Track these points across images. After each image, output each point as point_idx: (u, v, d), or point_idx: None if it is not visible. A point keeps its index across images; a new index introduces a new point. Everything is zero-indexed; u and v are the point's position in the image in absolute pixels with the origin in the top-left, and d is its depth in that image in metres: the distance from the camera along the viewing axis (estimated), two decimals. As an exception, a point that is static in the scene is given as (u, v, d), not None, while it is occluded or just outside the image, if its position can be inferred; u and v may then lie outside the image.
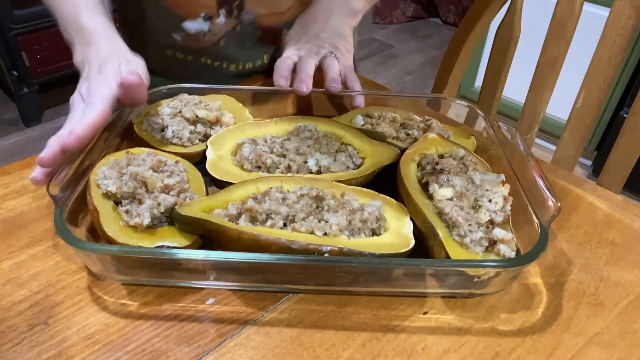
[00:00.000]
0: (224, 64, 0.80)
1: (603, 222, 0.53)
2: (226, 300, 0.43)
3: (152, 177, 0.46)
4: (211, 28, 0.75)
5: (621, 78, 1.72)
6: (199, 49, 0.78)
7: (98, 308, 0.42)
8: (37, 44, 1.92)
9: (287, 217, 0.43)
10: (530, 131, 0.89)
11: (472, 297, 0.44)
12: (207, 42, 0.76)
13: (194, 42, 0.77)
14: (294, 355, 0.39)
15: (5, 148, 1.96)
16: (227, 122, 0.60)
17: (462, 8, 2.94)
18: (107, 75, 0.51)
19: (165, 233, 0.44)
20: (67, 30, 0.61)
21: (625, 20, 0.73)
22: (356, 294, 0.44)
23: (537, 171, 0.48)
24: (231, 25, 0.75)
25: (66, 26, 0.61)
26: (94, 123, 0.46)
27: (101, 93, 0.49)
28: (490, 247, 0.43)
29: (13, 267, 0.45)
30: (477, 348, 0.40)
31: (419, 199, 0.47)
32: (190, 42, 0.77)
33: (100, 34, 0.58)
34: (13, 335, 0.40)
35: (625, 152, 0.78)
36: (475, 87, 2.16)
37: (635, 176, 0.88)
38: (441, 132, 0.58)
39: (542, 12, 1.07)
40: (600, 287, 0.46)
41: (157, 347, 0.39)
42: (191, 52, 0.78)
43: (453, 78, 0.93)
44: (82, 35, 0.59)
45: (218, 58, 0.79)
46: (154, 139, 0.56)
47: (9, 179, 0.55)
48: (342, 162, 0.53)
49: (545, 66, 0.83)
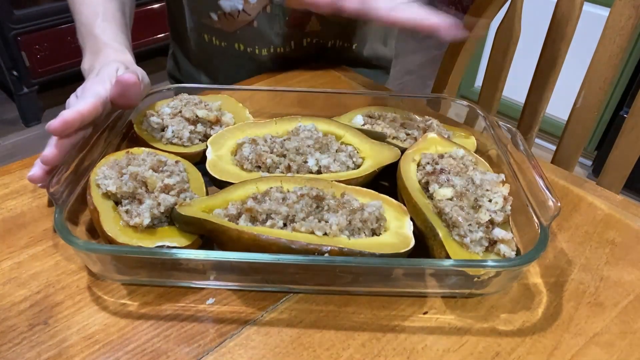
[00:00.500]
0: (257, 49, 0.82)
1: (603, 222, 0.53)
2: (226, 300, 0.43)
3: (152, 177, 0.46)
4: (245, 7, 0.77)
5: (621, 78, 1.72)
6: (233, 33, 0.81)
7: (98, 308, 0.42)
8: (37, 44, 1.93)
9: (287, 217, 0.43)
10: (530, 131, 0.89)
11: (472, 297, 0.44)
12: (241, 22, 0.79)
13: (229, 23, 0.80)
14: (294, 355, 0.39)
15: (5, 148, 1.96)
16: (227, 122, 0.60)
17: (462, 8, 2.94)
18: (103, 77, 0.53)
19: (165, 233, 0.44)
20: (81, 35, 0.63)
21: (625, 20, 0.73)
22: (356, 294, 0.44)
23: (537, 171, 0.48)
24: (262, 4, 0.78)
25: (82, 32, 0.63)
26: (82, 110, 0.47)
27: (94, 90, 0.50)
28: (490, 247, 0.43)
29: (13, 267, 0.45)
30: (477, 348, 0.40)
31: (419, 199, 0.47)
32: (226, 22, 0.80)
33: (110, 45, 0.60)
34: (13, 335, 0.40)
35: (625, 152, 0.78)
36: (475, 87, 2.16)
37: (635, 176, 0.88)
38: (441, 132, 0.58)
39: (542, 12, 1.07)
40: (600, 287, 0.46)
41: (157, 347, 0.39)
42: (226, 38, 0.82)
43: (453, 78, 0.93)
44: (93, 44, 0.60)
45: (251, 42, 0.82)
46: (154, 139, 0.56)
47: (9, 179, 0.55)
48: (342, 162, 0.53)
49: (545, 66, 0.83)
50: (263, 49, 0.83)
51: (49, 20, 1.92)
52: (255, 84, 0.79)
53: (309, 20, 0.81)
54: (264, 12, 0.79)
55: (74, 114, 0.46)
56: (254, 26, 0.80)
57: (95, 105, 0.48)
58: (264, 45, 0.83)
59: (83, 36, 0.62)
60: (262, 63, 0.85)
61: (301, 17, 0.80)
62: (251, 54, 0.84)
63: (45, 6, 1.91)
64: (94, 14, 0.62)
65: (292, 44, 0.83)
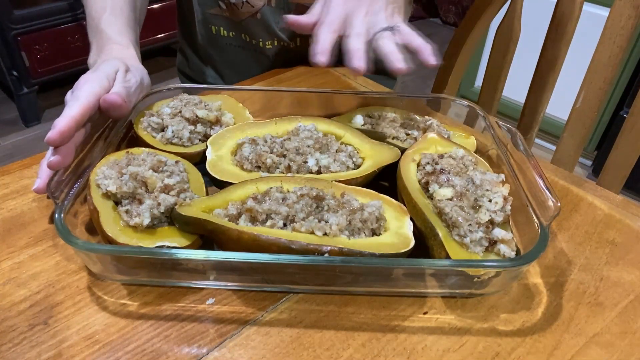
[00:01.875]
0: (261, 42, 0.84)
1: (603, 222, 0.53)
2: (226, 300, 0.43)
3: (152, 177, 0.46)
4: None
5: (621, 78, 1.72)
6: (239, 23, 0.82)
7: (98, 308, 0.42)
8: (37, 44, 1.93)
9: (287, 217, 0.43)
10: (530, 131, 0.89)
11: (472, 297, 0.44)
12: (245, 13, 0.80)
13: (234, 13, 0.81)
14: (294, 355, 0.39)
15: (5, 148, 1.96)
16: (227, 122, 0.60)
17: (462, 8, 2.94)
18: (99, 73, 0.52)
19: (165, 233, 0.44)
20: (90, 29, 0.64)
21: (625, 20, 0.73)
22: (356, 294, 0.44)
23: (537, 171, 0.48)
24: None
25: (90, 25, 0.64)
26: (74, 115, 0.46)
27: (88, 87, 0.50)
28: (490, 247, 0.43)
29: (13, 267, 0.45)
30: (477, 348, 0.40)
31: (419, 199, 0.47)
32: (232, 12, 0.81)
33: (114, 40, 0.60)
34: (13, 335, 0.40)
35: (625, 152, 0.78)
36: (475, 87, 2.16)
37: (635, 176, 0.88)
38: (441, 132, 0.58)
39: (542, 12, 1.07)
40: (600, 287, 0.46)
41: (157, 347, 0.39)
42: (234, 27, 0.83)
43: (453, 78, 0.93)
44: (99, 39, 0.61)
45: (256, 35, 0.83)
46: (154, 139, 0.56)
47: (9, 179, 0.55)
48: (342, 162, 0.53)
49: (545, 66, 0.83)
50: (267, 42, 0.83)
51: (49, 20, 1.92)
52: (255, 84, 0.79)
53: None
54: (269, 5, 0.80)
55: (67, 122, 0.46)
56: (257, 18, 0.81)
57: (88, 106, 0.48)
58: (269, 38, 0.83)
59: (91, 29, 0.62)
60: (268, 57, 0.86)
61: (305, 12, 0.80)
62: (256, 46, 0.84)
63: (45, 6, 1.91)
64: (102, 8, 0.62)
65: (298, 40, 0.84)
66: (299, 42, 0.84)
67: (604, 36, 0.76)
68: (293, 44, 0.84)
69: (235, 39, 0.86)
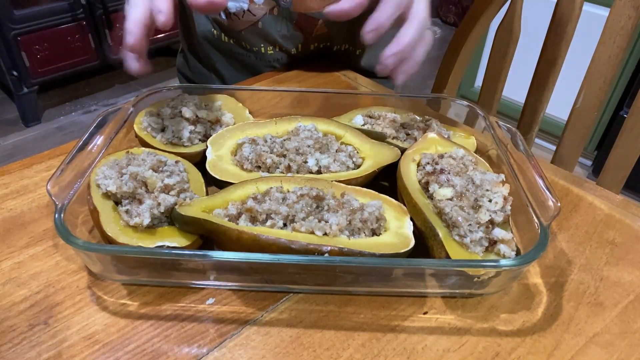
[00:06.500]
0: (262, 49, 0.84)
1: (603, 222, 0.53)
2: (226, 300, 0.43)
3: (152, 177, 0.46)
4: (250, 7, 0.78)
5: (621, 78, 1.72)
6: (240, 30, 0.82)
7: (98, 308, 0.42)
8: (37, 44, 1.93)
9: (287, 217, 0.43)
10: (530, 131, 0.89)
11: (472, 297, 0.44)
12: (246, 22, 0.80)
13: (234, 23, 0.81)
14: (294, 355, 0.39)
15: (5, 148, 1.96)
16: (227, 122, 0.60)
17: (462, 8, 2.94)
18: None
19: (165, 233, 0.44)
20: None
21: (625, 20, 0.73)
22: (356, 294, 0.44)
23: (537, 171, 0.48)
24: (270, 6, 0.78)
25: None
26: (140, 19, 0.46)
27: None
28: (490, 247, 0.43)
29: (13, 267, 0.45)
30: (477, 348, 0.40)
31: (419, 199, 0.47)
32: (231, 22, 0.81)
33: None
34: (13, 335, 0.40)
35: (625, 152, 0.78)
36: (475, 87, 2.16)
37: (635, 176, 0.88)
38: (441, 132, 0.58)
39: (542, 12, 1.07)
40: (600, 287, 0.46)
41: (157, 347, 0.39)
42: (233, 34, 0.83)
43: (453, 78, 0.93)
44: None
45: (256, 42, 0.83)
46: (154, 139, 0.56)
47: (9, 179, 0.55)
48: (342, 162, 0.53)
49: (545, 66, 0.83)
50: (269, 48, 0.84)
51: (49, 20, 1.92)
52: (255, 84, 0.79)
53: (316, 24, 0.81)
54: (271, 13, 0.79)
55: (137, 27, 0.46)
56: (258, 27, 0.80)
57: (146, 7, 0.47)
58: (269, 45, 0.83)
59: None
60: (267, 63, 0.86)
61: (308, 21, 0.80)
62: (257, 53, 0.85)
63: (45, 6, 1.91)
64: None
65: (299, 46, 0.84)
66: (300, 49, 0.84)
67: (604, 36, 0.76)
68: (294, 51, 0.84)
69: (235, 45, 0.86)
